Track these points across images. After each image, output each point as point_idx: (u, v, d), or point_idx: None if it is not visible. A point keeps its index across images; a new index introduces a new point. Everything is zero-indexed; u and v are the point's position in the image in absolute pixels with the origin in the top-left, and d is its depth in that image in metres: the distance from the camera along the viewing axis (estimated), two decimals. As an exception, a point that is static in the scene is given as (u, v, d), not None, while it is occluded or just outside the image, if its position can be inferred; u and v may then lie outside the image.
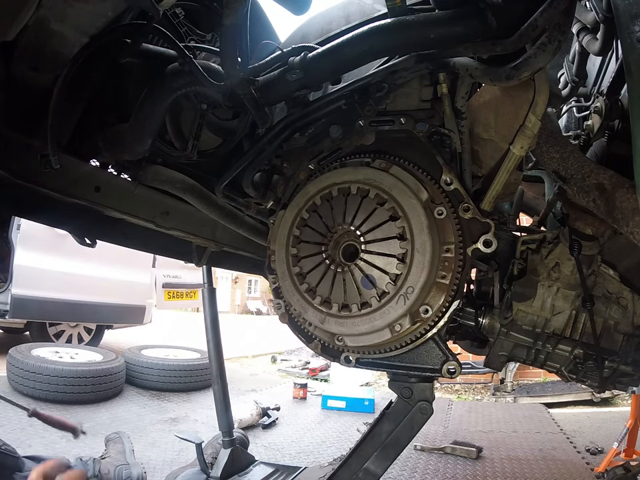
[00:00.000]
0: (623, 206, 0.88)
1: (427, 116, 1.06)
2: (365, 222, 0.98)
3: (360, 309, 0.97)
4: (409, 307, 0.95)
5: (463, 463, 3.20)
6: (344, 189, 1.02)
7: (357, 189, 0.99)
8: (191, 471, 2.47)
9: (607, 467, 2.88)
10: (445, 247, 0.98)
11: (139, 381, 4.49)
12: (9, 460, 1.78)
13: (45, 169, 1.01)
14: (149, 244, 1.79)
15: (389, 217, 0.96)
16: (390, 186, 0.98)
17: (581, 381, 1.29)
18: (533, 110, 0.95)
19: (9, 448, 1.80)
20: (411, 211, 0.96)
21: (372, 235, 0.97)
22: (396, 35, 0.86)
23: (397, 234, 0.95)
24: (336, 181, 1.03)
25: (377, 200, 0.98)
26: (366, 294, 0.97)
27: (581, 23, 1.45)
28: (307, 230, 1.06)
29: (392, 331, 0.97)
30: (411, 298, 0.94)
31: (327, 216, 1.03)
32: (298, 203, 1.07)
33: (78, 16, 0.92)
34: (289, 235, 1.06)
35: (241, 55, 1.00)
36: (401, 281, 0.95)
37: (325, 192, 1.04)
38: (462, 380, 5.93)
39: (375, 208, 0.98)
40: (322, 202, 1.04)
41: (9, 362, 3.79)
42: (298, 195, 1.09)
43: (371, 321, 0.97)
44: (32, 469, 1.84)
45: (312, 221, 1.04)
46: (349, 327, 0.99)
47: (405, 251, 0.94)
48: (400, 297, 0.95)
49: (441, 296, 0.98)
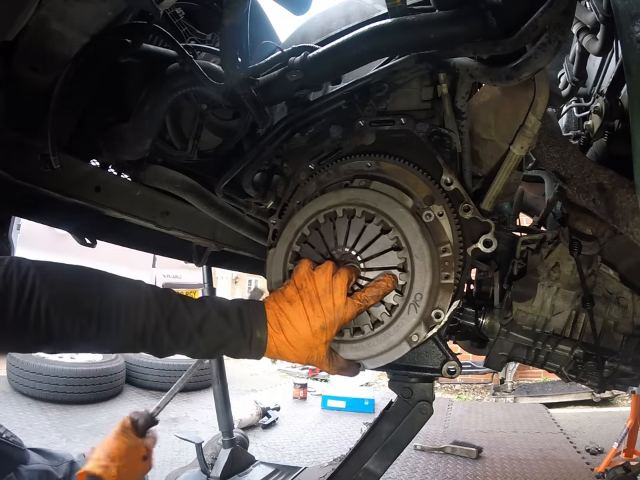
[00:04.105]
0: (622, 206, 0.88)
1: (427, 116, 1.06)
2: (358, 241, 0.96)
3: (372, 328, 0.95)
4: (421, 313, 0.94)
5: (463, 463, 3.21)
6: (330, 214, 0.99)
7: (342, 210, 0.97)
8: (191, 471, 2.47)
9: (606, 467, 2.88)
10: (442, 247, 0.97)
11: (139, 381, 4.50)
12: (16, 452, 1.80)
13: (45, 169, 1.01)
14: (149, 244, 1.78)
15: (380, 231, 0.94)
16: (374, 201, 0.97)
17: (581, 381, 1.29)
18: (533, 110, 0.95)
19: (16, 440, 1.82)
20: (400, 220, 0.95)
21: (367, 252, 0.95)
22: (396, 35, 0.86)
23: (392, 245, 0.94)
24: (320, 208, 1.00)
25: (364, 217, 0.96)
26: (375, 312, 0.95)
27: (581, 23, 1.45)
28: None
29: (410, 342, 0.95)
30: (421, 304, 0.93)
31: (319, 244, 1.00)
32: (287, 238, 1.03)
33: (78, 16, 0.92)
34: (284, 273, 1.02)
35: (241, 54, 0.99)
36: (407, 290, 0.93)
37: (311, 221, 1.01)
38: (462, 380, 5.94)
39: (365, 225, 0.96)
40: (311, 232, 1.01)
41: (9, 362, 3.80)
42: (285, 229, 1.05)
43: (386, 337, 0.95)
44: (37, 462, 1.86)
45: (305, 252, 1.01)
46: (365, 350, 0.97)
47: (404, 260, 0.93)
48: (410, 305, 0.94)
49: (449, 297, 0.96)
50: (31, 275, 0.71)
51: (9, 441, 1.76)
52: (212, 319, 0.82)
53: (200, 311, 0.82)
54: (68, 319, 0.72)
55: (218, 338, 0.83)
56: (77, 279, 0.78)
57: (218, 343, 0.83)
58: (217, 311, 0.83)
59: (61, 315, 0.71)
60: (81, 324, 0.73)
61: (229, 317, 0.84)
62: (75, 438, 3.12)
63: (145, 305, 0.78)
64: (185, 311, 0.81)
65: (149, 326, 0.77)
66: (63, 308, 0.72)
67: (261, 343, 0.85)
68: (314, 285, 0.88)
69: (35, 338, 0.71)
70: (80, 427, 3.34)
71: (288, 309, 0.86)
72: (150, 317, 0.78)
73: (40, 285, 0.70)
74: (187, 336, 0.80)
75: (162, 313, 0.79)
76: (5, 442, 1.75)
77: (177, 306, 0.81)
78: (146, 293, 0.81)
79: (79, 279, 0.79)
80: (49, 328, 0.71)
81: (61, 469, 2.01)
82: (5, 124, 1.02)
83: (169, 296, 0.83)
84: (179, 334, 0.80)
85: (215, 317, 0.82)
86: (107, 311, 0.75)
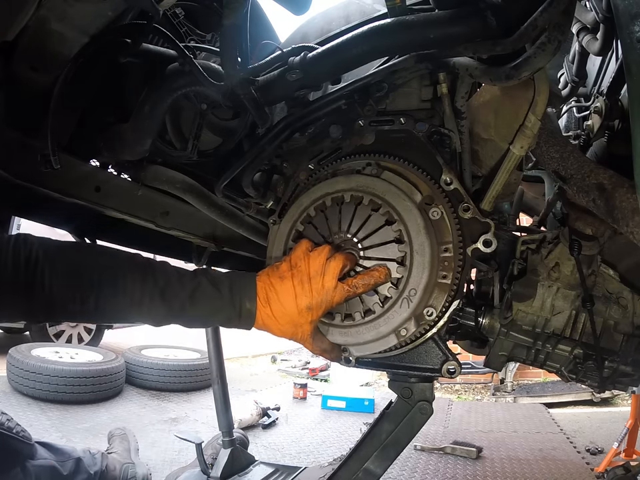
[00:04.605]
0: (622, 206, 0.88)
1: (427, 116, 1.06)
2: (361, 228, 0.96)
3: (363, 316, 0.96)
4: (413, 309, 0.94)
5: (463, 463, 3.21)
6: (337, 198, 1.00)
7: (350, 196, 0.98)
8: (191, 471, 2.47)
9: (606, 467, 2.88)
10: (444, 246, 0.97)
11: (139, 381, 4.49)
12: (25, 448, 1.81)
13: (45, 169, 1.01)
14: (149, 244, 1.78)
15: (385, 222, 0.95)
16: (383, 191, 0.97)
17: (580, 381, 1.29)
18: (532, 110, 0.95)
19: (25, 434, 1.83)
20: (406, 213, 0.95)
21: (369, 240, 0.96)
22: (396, 35, 0.86)
23: (394, 238, 0.94)
24: (328, 190, 1.02)
25: (371, 206, 0.97)
26: (368, 301, 0.96)
27: (581, 23, 1.45)
28: None
29: (398, 335, 0.97)
30: (414, 300, 0.94)
31: (322, 226, 1.01)
32: (292, 216, 1.05)
33: (78, 16, 0.92)
34: (285, 249, 1.04)
35: (241, 54, 0.99)
36: (403, 284, 0.94)
37: (318, 202, 1.02)
38: (462, 380, 5.93)
39: (370, 214, 0.96)
40: (316, 213, 1.02)
41: (9, 362, 3.80)
42: (291, 207, 1.07)
43: (376, 327, 0.96)
44: (44, 457, 1.87)
45: (307, 232, 1.02)
46: (353, 336, 0.98)
47: (403, 254, 0.94)
48: (403, 300, 0.94)
49: (444, 296, 0.97)
50: (36, 249, 0.77)
51: (18, 436, 1.78)
52: (203, 289, 0.86)
53: (192, 281, 0.87)
54: (69, 290, 0.78)
55: (209, 307, 0.87)
56: (77, 253, 0.84)
57: (208, 312, 0.88)
58: (209, 282, 0.87)
59: (63, 287, 0.78)
60: (81, 295, 0.79)
61: (221, 287, 0.88)
62: (75, 438, 3.11)
63: (141, 276, 0.83)
64: (178, 281, 0.86)
65: (145, 296, 0.82)
66: (65, 280, 0.78)
67: (250, 314, 0.89)
68: (307, 265, 0.90)
69: (41, 307, 0.78)
70: (80, 427, 3.34)
71: (278, 284, 0.89)
72: (146, 287, 0.82)
73: (43, 258, 0.77)
74: (179, 305, 0.85)
75: (156, 283, 0.83)
76: (15, 437, 1.76)
77: (171, 276, 0.86)
78: (143, 264, 0.86)
79: (80, 253, 0.85)
80: (52, 300, 0.77)
81: (66, 466, 2.02)
82: (5, 124, 1.02)
83: (164, 267, 0.88)
84: (172, 302, 0.84)
85: (206, 287, 0.87)
86: (106, 282, 0.81)
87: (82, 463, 2.10)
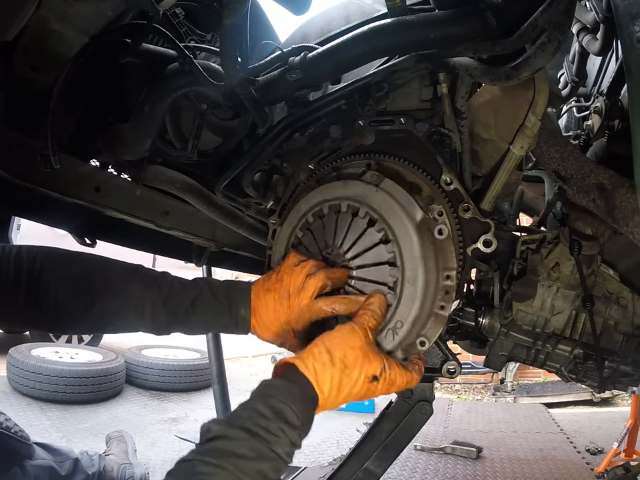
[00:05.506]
0: (622, 206, 0.88)
1: (427, 116, 1.06)
2: (354, 245, 0.90)
3: None
4: (399, 342, 0.87)
5: (463, 463, 3.21)
6: (334, 206, 0.94)
7: (347, 206, 0.91)
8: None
9: (606, 467, 2.88)
10: (446, 273, 0.89)
11: (139, 381, 4.49)
12: (23, 448, 1.82)
13: (45, 169, 1.01)
14: (149, 244, 1.78)
15: (379, 240, 0.88)
16: (380, 204, 0.89)
17: (581, 381, 1.29)
18: (532, 110, 0.95)
19: (23, 435, 1.84)
20: (401, 234, 0.87)
21: (360, 259, 0.89)
22: (396, 35, 0.86)
23: (387, 260, 0.87)
24: (326, 197, 0.96)
25: (367, 218, 0.89)
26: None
27: (581, 23, 1.45)
28: (302, 249, 1.00)
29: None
30: (400, 333, 0.86)
31: (319, 235, 0.96)
32: (291, 222, 1.02)
33: (78, 16, 0.92)
34: (285, 254, 1.01)
35: (241, 54, 0.99)
36: (390, 313, 0.86)
37: (316, 209, 0.97)
38: (462, 380, 5.93)
39: (365, 229, 0.89)
40: (314, 220, 0.97)
41: (9, 362, 3.79)
42: (290, 212, 1.04)
43: None
44: (42, 457, 1.88)
45: (305, 239, 0.99)
46: None
47: (395, 279, 0.86)
48: (388, 331, 0.87)
49: (440, 327, 0.89)
50: (40, 258, 0.79)
51: (17, 436, 1.79)
52: (204, 297, 0.89)
53: (193, 290, 0.89)
54: (74, 299, 0.80)
55: (209, 315, 0.89)
56: (81, 263, 0.86)
57: (209, 319, 0.90)
58: (208, 290, 0.90)
59: (68, 295, 0.79)
60: (86, 303, 0.80)
61: (219, 295, 0.90)
62: (74, 438, 3.12)
63: (144, 286, 0.86)
64: (180, 289, 0.88)
65: (148, 304, 0.84)
66: (70, 288, 0.79)
67: (244, 321, 0.91)
68: (289, 280, 0.90)
69: (46, 317, 0.80)
70: (80, 427, 3.34)
71: (264, 296, 0.91)
72: (149, 296, 0.85)
73: (48, 268, 0.79)
74: (183, 313, 0.87)
75: (159, 292, 0.86)
76: (13, 437, 1.77)
77: (173, 285, 0.88)
78: (145, 274, 0.89)
79: (84, 263, 0.86)
80: (57, 308, 0.78)
81: (64, 466, 2.03)
82: (5, 124, 1.02)
83: (165, 277, 0.91)
84: (175, 311, 0.86)
85: (206, 295, 0.89)
86: (110, 292, 0.83)
87: (80, 464, 2.11)
